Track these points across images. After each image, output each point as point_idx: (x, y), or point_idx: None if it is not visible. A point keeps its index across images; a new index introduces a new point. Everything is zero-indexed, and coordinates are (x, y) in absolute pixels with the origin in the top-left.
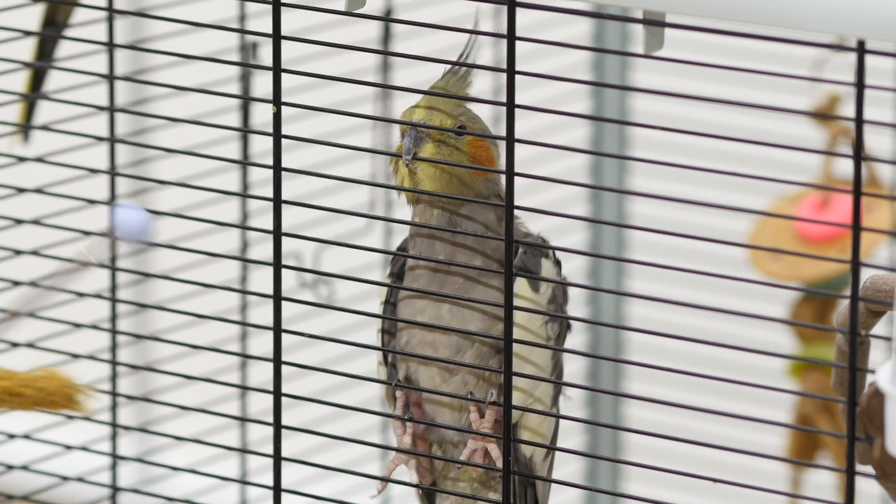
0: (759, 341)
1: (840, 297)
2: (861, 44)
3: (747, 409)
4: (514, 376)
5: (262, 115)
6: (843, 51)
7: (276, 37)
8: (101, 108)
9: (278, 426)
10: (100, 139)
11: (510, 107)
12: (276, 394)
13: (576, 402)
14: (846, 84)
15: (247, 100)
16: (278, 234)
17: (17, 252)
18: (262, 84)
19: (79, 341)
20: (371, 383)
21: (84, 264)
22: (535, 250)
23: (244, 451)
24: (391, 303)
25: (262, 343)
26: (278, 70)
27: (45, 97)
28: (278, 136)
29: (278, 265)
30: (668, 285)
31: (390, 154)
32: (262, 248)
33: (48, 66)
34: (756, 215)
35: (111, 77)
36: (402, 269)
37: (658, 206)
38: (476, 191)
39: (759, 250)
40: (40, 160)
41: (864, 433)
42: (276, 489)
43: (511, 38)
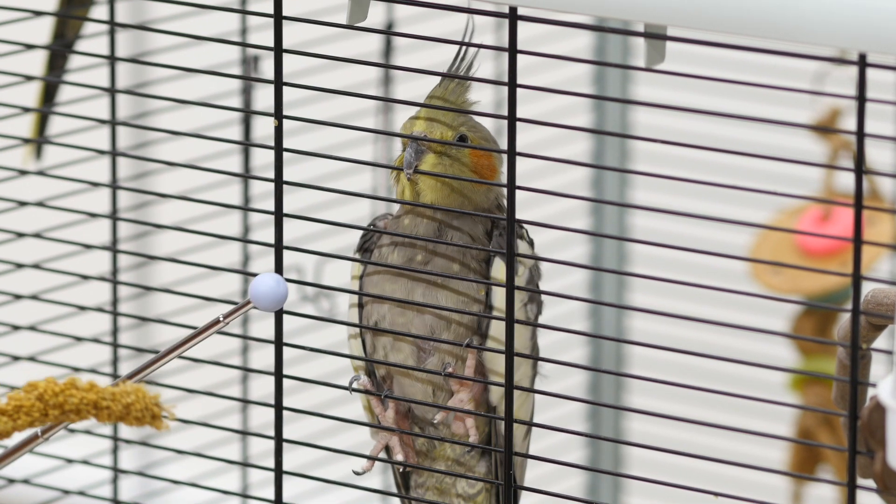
0: (761, 355)
1: (841, 311)
2: (862, 57)
3: (749, 422)
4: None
5: (263, 129)
6: (844, 64)
7: (278, 50)
8: (102, 122)
9: (279, 440)
10: (101, 152)
11: (511, 120)
12: (278, 407)
13: (577, 415)
14: (847, 97)
15: (248, 113)
16: (279, 247)
17: (19, 265)
18: (263, 97)
19: (80, 354)
20: (373, 397)
21: (217, 327)
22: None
23: (245, 464)
24: (362, 277)
25: (263, 356)
26: (280, 83)
27: (45, 111)
28: (280, 149)
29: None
30: (670, 299)
31: (391, 167)
32: (263, 262)
33: (47, 79)
34: (757, 228)
35: (113, 90)
36: (370, 245)
37: (659, 220)
38: (476, 202)
39: (761, 264)
40: (42, 173)
41: (866, 447)
42: (278, 503)
43: (512, 52)
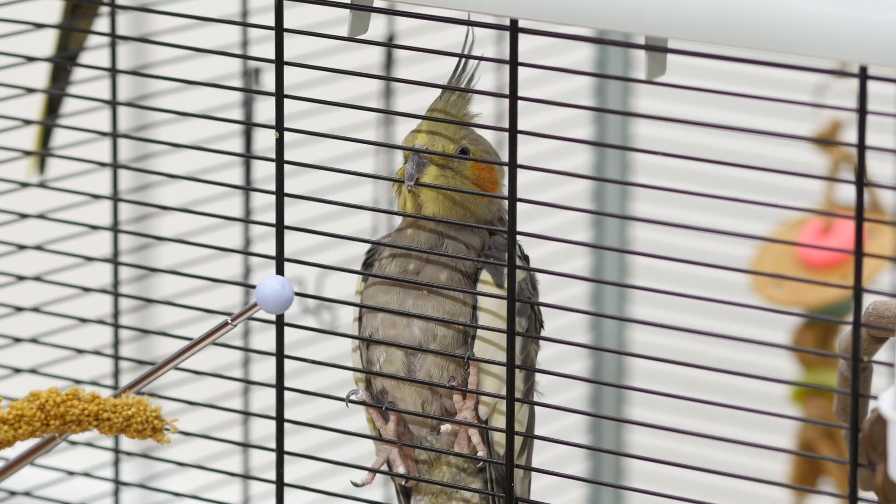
0: (762, 367)
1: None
2: (863, 69)
3: (750, 434)
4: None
5: (264, 141)
6: (845, 76)
7: (279, 62)
8: (103, 134)
9: (281, 452)
10: (102, 165)
11: (512, 132)
12: (279, 419)
13: (578, 427)
14: (848, 110)
15: (249, 125)
16: (281, 259)
17: (20, 278)
18: (264, 109)
19: (81, 367)
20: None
21: (225, 329)
22: (502, 244)
23: (247, 476)
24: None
25: (264, 369)
26: (281, 95)
27: (46, 123)
28: (281, 161)
29: None
30: (671, 311)
31: (393, 180)
32: (264, 274)
33: (48, 91)
34: (758, 241)
35: (114, 103)
36: (373, 260)
37: (660, 232)
38: (478, 214)
39: (762, 276)
40: (43, 185)
41: (867, 459)
42: None
43: (513, 64)
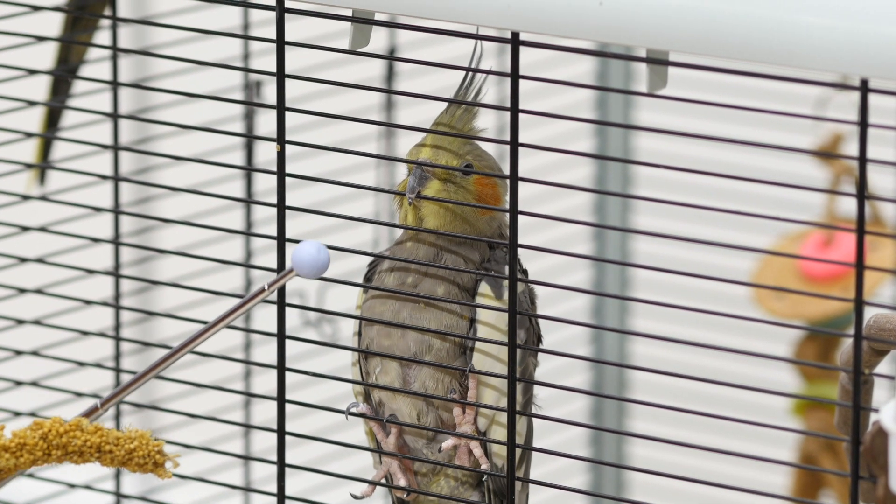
0: (763, 380)
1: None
2: (864, 82)
3: (751, 447)
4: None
5: (265, 154)
6: (846, 89)
7: (280, 75)
8: (105, 147)
9: (282, 465)
10: (104, 177)
11: (514, 145)
12: (280, 432)
13: (579, 440)
14: (849, 123)
15: (251, 138)
16: (282, 272)
17: (21, 290)
18: (265, 122)
19: (82, 380)
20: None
21: (262, 295)
22: (501, 257)
23: (248, 489)
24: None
25: (265, 381)
26: (282, 108)
27: (47, 136)
28: (282, 174)
29: (282, 304)
30: (672, 324)
31: (394, 192)
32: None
33: (49, 104)
34: (760, 254)
35: (115, 115)
36: (372, 274)
37: (661, 245)
38: (479, 228)
39: (763, 289)
40: (44, 198)
41: (868, 472)
42: None
43: (515, 77)
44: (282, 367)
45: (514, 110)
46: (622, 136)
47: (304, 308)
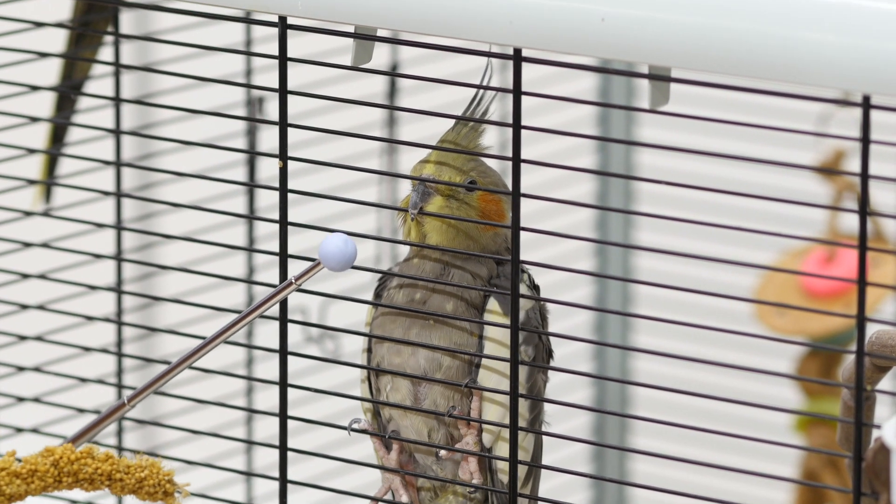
0: (765, 396)
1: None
2: (866, 99)
3: (753, 464)
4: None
5: (268, 170)
6: (848, 106)
7: (283, 91)
8: (107, 163)
9: (284, 481)
10: (106, 193)
11: (516, 161)
12: (282, 448)
13: (581, 456)
14: (851, 139)
15: (253, 154)
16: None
17: (24, 307)
18: (268, 138)
19: (84, 395)
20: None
21: (290, 289)
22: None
23: None
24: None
25: (268, 397)
26: (284, 124)
27: (50, 152)
28: (284, 190)
29: (284, 319)
30: (674, 340)
31: (397, 208)
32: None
33: (52, 120)
34: (762, 270)
35: (118, 132)
36: (382, 291)
37: (664, 261)
38: (482, 244)
39: (765, 305)
40: (46, 214)
41: (870, 488)
42: None
43: (517, 93)
44: (284, 383)
45: (517, 126)
46: (624, 152)
47: (306, 324)
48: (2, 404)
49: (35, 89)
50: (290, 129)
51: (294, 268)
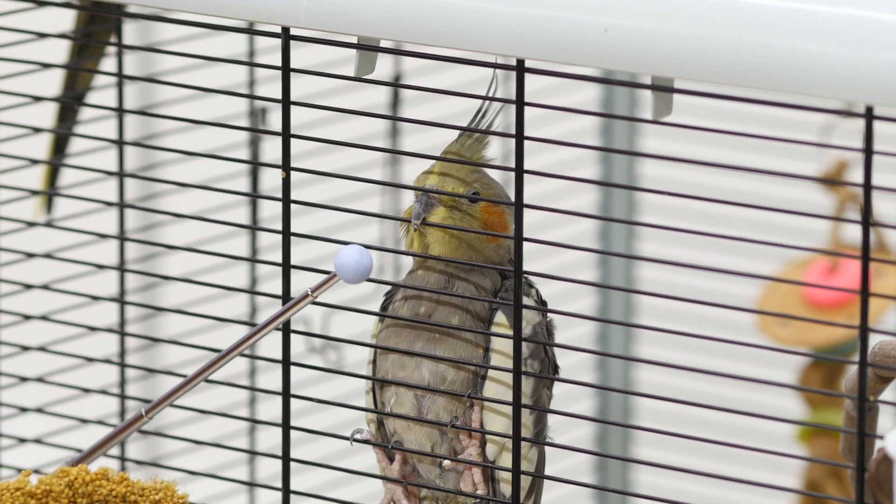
0: (768, 406)
1: (848, 363)
2: (869, 110)
3: (756, 474)
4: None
5: (271, 180)
6: (851, 117)
7: (286, 102)
8: (110, 174)
9: (286, 491)
10: (109, 204)
11: (519, 171)
12: (285, 458)
13: (584, 466)
14: (854, 150)
15: (256, 165)
16: (287, 298)
17: (26, 317)
18: (271, 149)
19: (87, 406)
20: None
21: (306, 300)
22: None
23: None
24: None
25: (270, 408)
26: (287, 135)
27: (52, 162)
28: (287, 200)
29: (287, 330)
30: (677, 350)
31: (400, 219)
32: (271, 313)
33: (55, 130)
34: (764, 281)
35: (121, 142)
36: (388, 303)
37: (666, 272)
38: (486, 256)
39: (768, 316)
40: (49, 225)
41: (873, 499)
42: None
43: (520, 104)
44: (287, 394)
45: (520, 137)
46: (627, 162)
47: (309, 335)
48: (5, 414)
49: (38, 100)
50: (292, 140)
51: (297, 278)
